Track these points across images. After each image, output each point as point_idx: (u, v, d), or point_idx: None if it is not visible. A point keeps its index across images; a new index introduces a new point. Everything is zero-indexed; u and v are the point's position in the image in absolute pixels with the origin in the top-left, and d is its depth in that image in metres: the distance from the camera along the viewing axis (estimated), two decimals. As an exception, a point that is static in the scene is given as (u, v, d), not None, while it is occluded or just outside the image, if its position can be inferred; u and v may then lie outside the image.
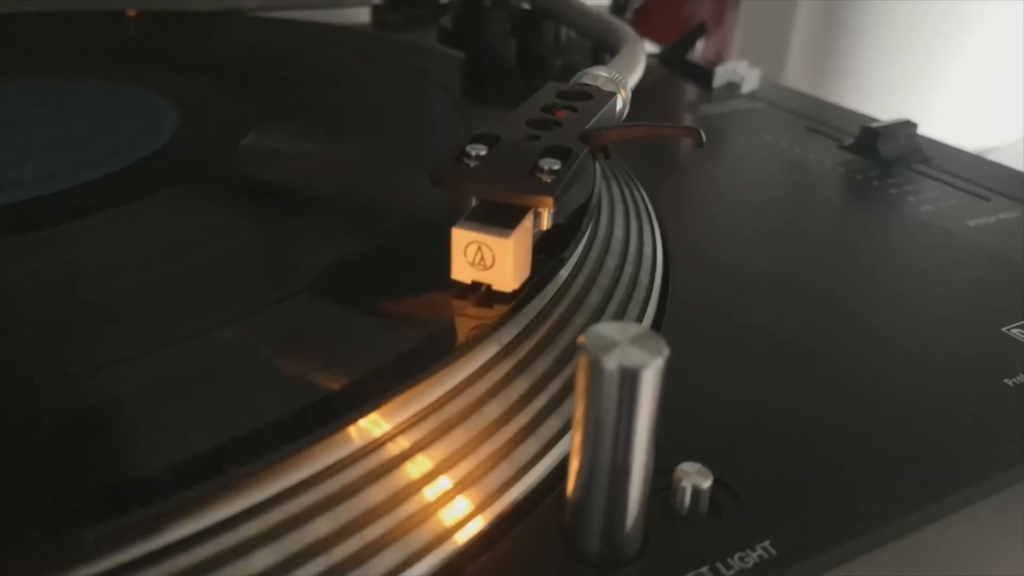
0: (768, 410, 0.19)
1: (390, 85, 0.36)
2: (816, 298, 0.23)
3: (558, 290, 0.20)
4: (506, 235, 0.17)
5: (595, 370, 0.13)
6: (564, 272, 0.21)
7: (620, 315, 0.21)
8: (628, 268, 0.24)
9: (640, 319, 0.22)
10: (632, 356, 0.13)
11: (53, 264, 0.21)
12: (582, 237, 0.22)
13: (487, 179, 0.18)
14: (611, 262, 0.23)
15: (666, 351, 0.13)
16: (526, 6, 0.42)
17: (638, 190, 0.29)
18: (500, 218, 0.18)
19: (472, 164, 0.18)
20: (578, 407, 0.14)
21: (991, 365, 0.20)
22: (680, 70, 0.41)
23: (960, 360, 0.20)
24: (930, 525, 0.16)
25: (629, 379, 0.13)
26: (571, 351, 0.19)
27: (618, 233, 0.25)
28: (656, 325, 0.22)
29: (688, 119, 0.37)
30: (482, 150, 0.19)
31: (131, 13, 0.47)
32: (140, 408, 0.16)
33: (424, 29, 0.48)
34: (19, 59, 0.38)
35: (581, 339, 0.13)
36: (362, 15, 0.53)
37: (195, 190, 0.25)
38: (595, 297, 0.21)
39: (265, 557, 0.14)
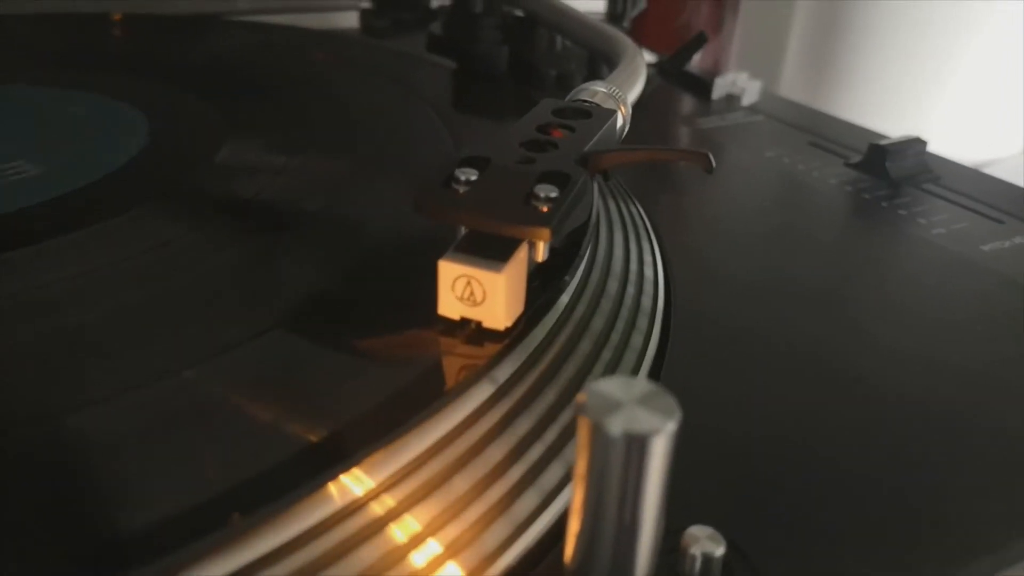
0: (783, 454, 0.17)
1: (374, 94, 0.35)
2: (831, 329, 0.22)
3: (559, 318, 0.19)
4: (498, 269, 0.16)
5: (598, 435, 0.11)
6: (564, 298, 0.19)
7: (624, 343, 0.20)
8: (630, 290, 0.22)
9: (644, 348, 0.20)
10: (639, 420, 0.11)
11: (11, 290, 0.19)
12: (582, 260, 0.20)
13: (478, 207, 0.16)
14: (612, 285, 0.22)
15: (678, 413, 0.12)
16: (519, 13, 0.40)
17: (636, 207, 0.27)
18: (492, 250, 0.16)
19: (461, 190, 0.17)
20: (579, 463, 0.12)
21: (1017, 404, 0.19)
22: (678, 81, 0.40)
23: (987, 408, 0.19)
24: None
25: (637, 446, 0.11)
26: (576, 384, 0.18)
27: (618, 252, 0.23)
28: (660, 351, 0.20)
29: (686, 133, 0.36)
30: (472, 175, 0.17)
31: (116, 16, 0.45)
32: (93, 462, 0.14)
33: (412, 35, 0.47)
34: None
35: (581, 397, 0.12)
36: (350, 20, 0.51)
37: (162, 208, 0.23)
38: (598, 323, 0.19)
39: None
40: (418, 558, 0.14)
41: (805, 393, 0.19)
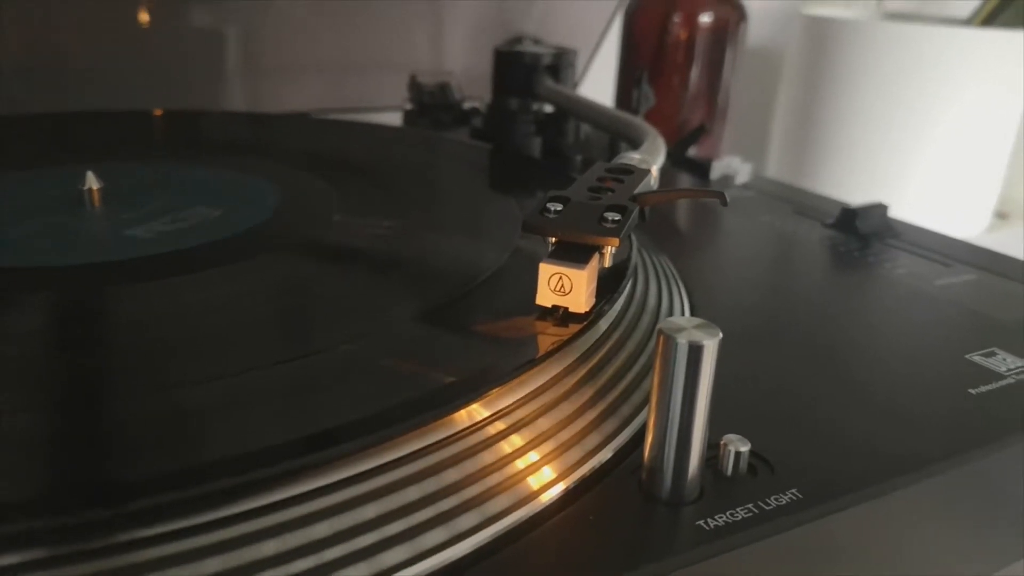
0: (788, 403, 0.24)
1: (444, 173, 0.42)
2: (822, 336, 0.28)
3: (617, 314, 0.26)
4: (582, 267, 0.23)
5: (670, 344, 0.18)
6: (620, 303, 0.26)
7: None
8: (664, 301, 0.29)
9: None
10: (696, 335, 0.18)
11: (189, 301, 0.26)
12: (632, 274, 0.27)
13: (567, 226, 0.23)
14: (652, 288, 0.29)
15: (720, 334, 0.18)
16: (548, 109, 0.49)
17: (663, 257, 0.34)
18: (574, 256, 0.23)
19: (552, 216, 0.24)
20: (655, 377, 0.19)
21: (958, 379, 0.25)
22: (682, 164, 0.48)
23: (935, 376, 0.26)
24: (914, 485, 0.21)
25: (695, 351, 0.18)
26: (628, 364, 0.24)
27: (653, 287, 0.30)
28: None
29: (692, 204, 0.43)
30: (558, 206, 0.24)
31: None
32: (309, 392, 0.20)
33: (450, 132, 0.55)
34: (138, 147, 0.44)
35: (660, 326, 0.18)
36: (395, 119, 0.60)
37: (308, 249, 0.30)
38: (644, 326, 0.26)
39: (415, 492, 0.18)
40: (520, 463, 0.20)
41: (809, 372, 0.26)
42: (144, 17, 0.58)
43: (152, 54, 0.58)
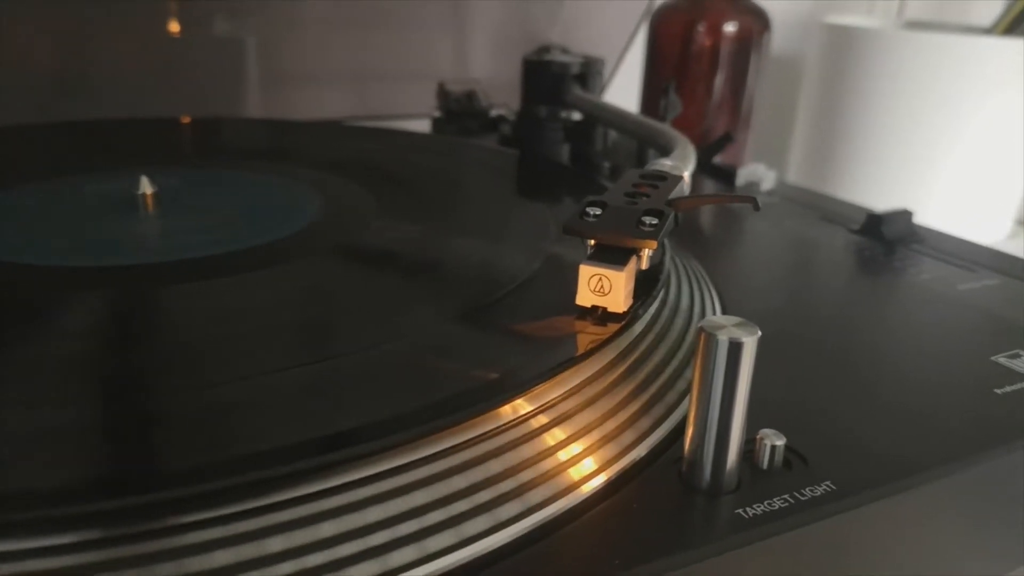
0: (819, 402, 0.24)
1: (477, 179, 0.43)
2: (851, 339, 0.29)
3: (653, 315, 0.27)
4: (620, 269, 0.24)
5: (711, 342, 0.19)
6: (655, 304, 0.27)
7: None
8: (696, 303, 0.30)
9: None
10: (736, 333, 0.19)
11: (234, 301, 0.27)
12: (668, 276, 0.28)
13: (606, 229, 0.24)
14: (684, 291, 0.30)
15: (759, 332, 0.19)
16: (576, 117, 0.50)
17: (693, 262, 0.35)
18: (613, 258, 0.24)
19: (591, 219, 0.25)
20: (696, 373, 0.20)
21: (984, 380, 0.26)
22: (708, 171, 0.49)
23: (961, 376, 0.26)
24: (943, 479, 0.22)
25: (734, 348, 0.19)
26: (665, 362, 0.25)
27: (685, 290, 0.31)
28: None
29: (720, 208, 0.44)
30: (597, 210, 0.25)
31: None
32: (365, 383, 0.22)
33: (478, 139, 0.56)
34: (177, 153, 0.46)
35: (701, 324, 0.19)
36: (423, 126, 0.61)
37: (351, 252, 0.31)
38: (678, 326, 0.27)
39: (462, 481, 0.19)
40: (562, 455, 0.21)
41: (838, 374, 0.27)
42: (174, 27, 0.59)
43: (180, 63, 0.59)
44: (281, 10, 0.60)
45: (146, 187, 0.33)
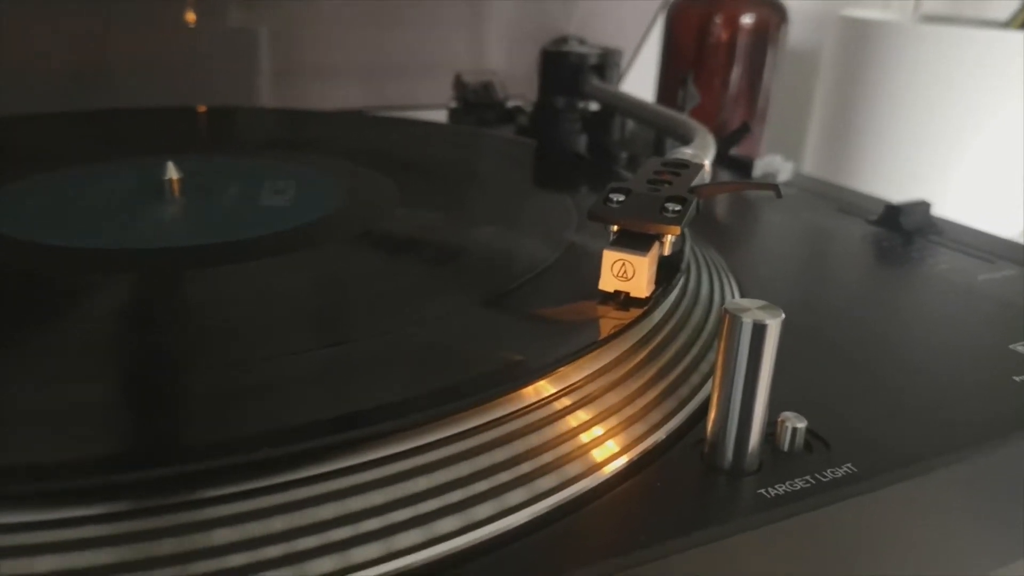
0: (839, 388, 0.25)
1: (497, 169, 0.44)
2: (869, 330, 0.30)
3: (676, 297, 0.27)
4: (644, 254, 0.24)
5: (735, 324, 0.19)
6: (674, 295, 0.27)
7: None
8: (716, 291, 0.30)
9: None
10: (760, 315, 0.19)
11: (268, 282, 0.27)
12: (688, 264, 0.28)
13: (630, 215, 0.25)
14: (704, 280, 0.30)
15: (782, 315, 0.19)
16: (594, 108, 0.50)
17: (712, 251, 0.35)
18: (636, 243, 0.25)
19: (615, 206, 0.25)
20: (720, 355, 0.20)
21: (1002, 367, 0.26)
22: (725, 162, 0.49)
23: (980, 364, 0.27)
24: (963, 462, 0.22)
25: (758, 330, 0.19)
26: (687, 346, 0.25)
27: (705, 278, 0.32)
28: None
29: (737, 198, 0.44)
30: (621, 196, 0.25)
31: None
32: (392, 366, 0.22)
33: (495, 129, 0.57)
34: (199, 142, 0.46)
35: (726, 306, 0.20)
36: (440, 116, 0.61)
37: (377, 238, 0.32)
38: (698, 313, 0.27)
39: (490, 459, 0.20)
40: (585, 437, 0.22)
41: (859, 365, 0.27)
42: (190, 17, 0.60)
43: (196, 53, 0.60)
44: (298, 3, 0.61)
45: (172, 173, 0.33)
